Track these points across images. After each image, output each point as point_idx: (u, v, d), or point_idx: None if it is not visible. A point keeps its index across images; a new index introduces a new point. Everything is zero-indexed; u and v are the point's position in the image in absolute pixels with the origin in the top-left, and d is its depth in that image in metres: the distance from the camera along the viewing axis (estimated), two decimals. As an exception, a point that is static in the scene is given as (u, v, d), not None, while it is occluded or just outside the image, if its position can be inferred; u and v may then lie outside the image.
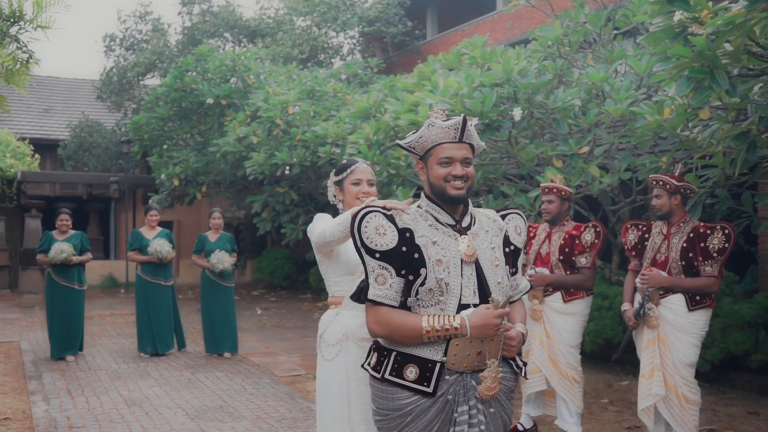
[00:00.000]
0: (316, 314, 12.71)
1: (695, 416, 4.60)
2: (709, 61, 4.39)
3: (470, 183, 2.61)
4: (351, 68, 15.44)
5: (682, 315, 4.54)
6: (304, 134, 12.05)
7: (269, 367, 8.09)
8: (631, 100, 6.44)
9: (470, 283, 2.57)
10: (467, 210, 2.68)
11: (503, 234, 2.75)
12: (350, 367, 3.22)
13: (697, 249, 4.53)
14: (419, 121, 7.06)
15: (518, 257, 2.82)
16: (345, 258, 3.32)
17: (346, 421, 3.20)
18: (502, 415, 2.66)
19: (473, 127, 2.68)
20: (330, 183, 3.54)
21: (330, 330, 3.31)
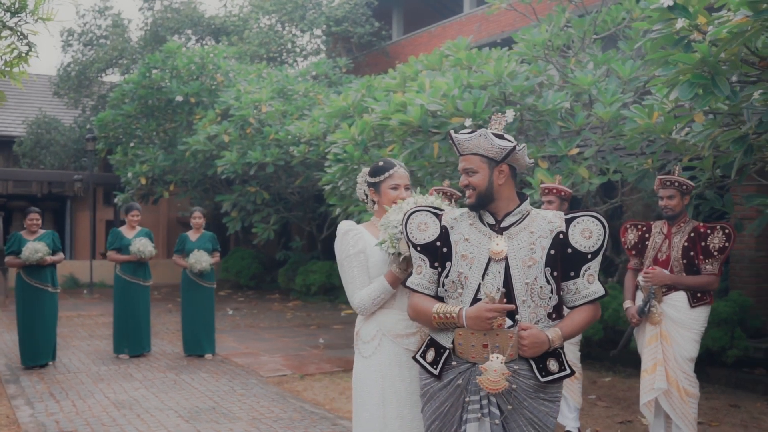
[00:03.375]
0: (289, 314, 12.67)
1: (694, 409, 4.74)
2: (710, 68, 4.52)
3: (478, 191, 2.76)
4: (320, 68, 15.41)
5: (684, 312, 4.68)
6: (277, 133, 12.01)
7: (253, 367, 8.04)
8: (620, 103, 6.58)
9: (495, 280, 2.70)
10: (514, 210, 2.76)
11: (553, 236, 2.73)
12: (385, 364, 3.23)
13: (698, 248, 4.67)
14: (410, 121, 7.10)
15: (584, 261, 2.74)
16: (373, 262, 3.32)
17: (381, 418, 3.21)
18: (527, 414, 2.68)
19: (467, 136, 2.77)
20: (361, 181, 3.53)
21: (365, 328, 3.32)
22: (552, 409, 2.73)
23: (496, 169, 2.73)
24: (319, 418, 6.00)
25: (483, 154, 2.75)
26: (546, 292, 2.70)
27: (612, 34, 8.50)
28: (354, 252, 3.29)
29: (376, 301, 3.23)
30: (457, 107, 6.90)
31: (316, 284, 14.38)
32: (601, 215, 2.76)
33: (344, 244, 3.35)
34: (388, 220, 3.13)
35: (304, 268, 14.77)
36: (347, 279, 3.33)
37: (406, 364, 3.22)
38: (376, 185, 3.40)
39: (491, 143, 2.72)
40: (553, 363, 2.71)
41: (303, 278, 14.54)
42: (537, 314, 2.70)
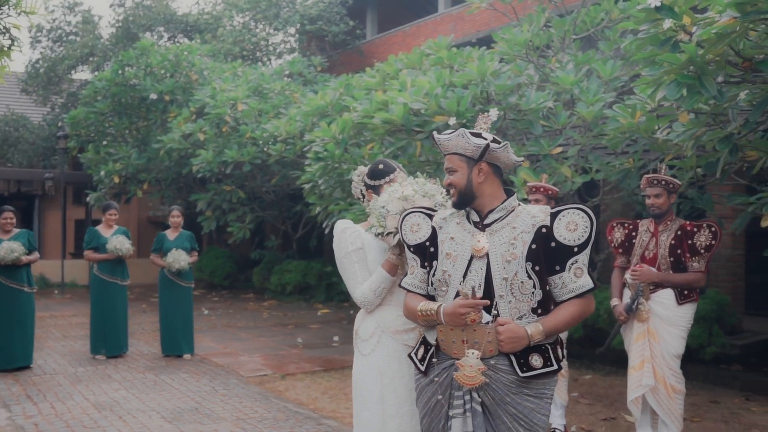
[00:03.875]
0: (265, 314, 12.59)
1: (680, 405, 4.80)
2: (697, 68, 4.57)
3: (458, 189, 2.79)
4: (295, 66, 15.34)
5: (672, 309, 4.73)
6: (254, 132, 11.93)
7: (233, 367, 7.97)
8: (602, 102, 6.64)
9: (477, 277, 2.72)
10: (497, 207, 2.77)
11: (535, 230, 2.70)
12: (384, 360, 3.23)
13: (685, 246, 4.73)
14: (393, 119, 7.09)
15: (570, 254, 2.68)
16: (371, 258, 3.31)
17: (380, 416, 3.20)
18: (511, 410, 2.66)
19: (447, 136, 2.79)
20: (358, 180, 3.52)
21: (364, 325, 3.32)
22: (539, 406, 2.70)
23: (476, 168, 2.74)
24: (304, 418, 5.96)
25: (462, 153, 2.77)
26: (528, 287, 2.67)
27: (590, 34, 8.57)
28: (353, 249, 3.30)
29: (377, 292, 3.23)
30: (440, 106, 6.91)
31: (291, 284, 14.31)
32: (587, 208, 2.72)
33: (343, 241, 3.35)
34: (375, 203, 3.17)
35: (280, 267, 14.69)
36: (348, 275, 3.34)
37: (406, 361, 3.21)
38: (375, 188, 3.40)
39: (467, 142, 2.73)
40: (537, 359, 2.67)
41: (278, 278, 14.46)
42: (520, 309, 2.67)
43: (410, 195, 3.08)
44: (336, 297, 14.44)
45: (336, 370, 7.96)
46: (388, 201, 3.10)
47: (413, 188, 3.13)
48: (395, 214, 3.06)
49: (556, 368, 2.70)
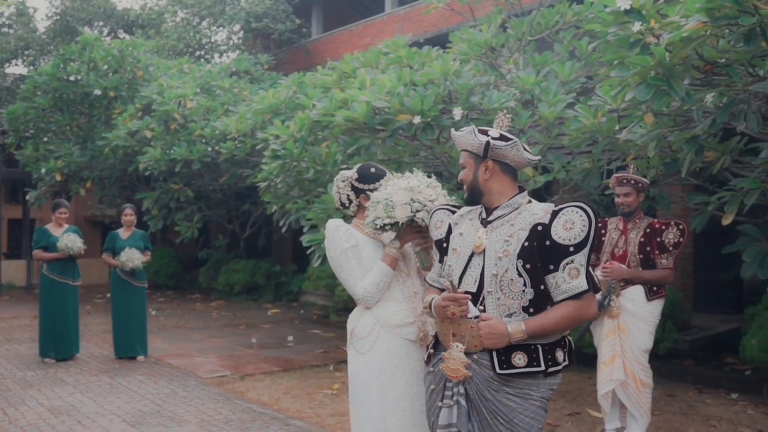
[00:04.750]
0: (215, 314, 12.40)
1: (649, 398, 4.92)
2: (666, 70, 4.69)
3: (466, 185, 2.83)
4: (241, 64, 15.15)
5: (641, 305, 4.85)
6: (203, 129, 11.74)
7: (190, 368, 7.82)
8: (564, 103, 6.75)
9: (474, 272, 2.74)
10: (502, 204, 2.77)
11: (530, 228, 2.66)
12: (383, 357, 3.21)
13: (654, 243, 4.85)
14: (355, 118, 7.06)
15: (565, 254, 2.61)
16: (366, 255, 3.30)
17: (380, 413, 3.18)
18: (490, 407, 2.66)
19: (460, 133, 2.83)
20: (343, 185, 3.45)
21: (360, 323, 3.28)
22: (523, 407, 2.64)
23: (482, 165, 2.76)
24: (270, 419, 5.89)
25: (470, 150, 2.79)
26: (518, 285, 2.64)
27: (545, 36, 8.71)
28: (349, 246, 3.28)
29: (379, 286, 3.22)
30: (403, 104, 6.90)
31: (239, 283, 14.12)
32: (588, 206, 2.64)
33: (337, 239, 3.31)
34: (376, 197, 3.16)
35: (227, 267, 14.48)
36: (346, 273, 3.28)
37: (405, 356, 3.21)
38: (369, 193, 3.38)
39: (473, 139, 2.75)
40: (520, 357, 2.63)
41: (226, 277, 14.25)
42: (509, 307, 2.65)
43: (416, 185, 3.10)
44: (285, 297, 14.33)
45: (295, 371, 7.90)
46: (393, 192, 3.10)
47: (418, 181, 3.15)
48: (404, 203, 3.06)
49: (541, 370, 2.63)
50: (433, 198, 3.11)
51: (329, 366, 8.14)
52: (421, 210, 3.07)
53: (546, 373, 2.65)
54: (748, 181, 4.95)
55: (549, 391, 2.70)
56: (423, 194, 3.08)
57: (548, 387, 2.69)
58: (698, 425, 5.73)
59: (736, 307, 9.45)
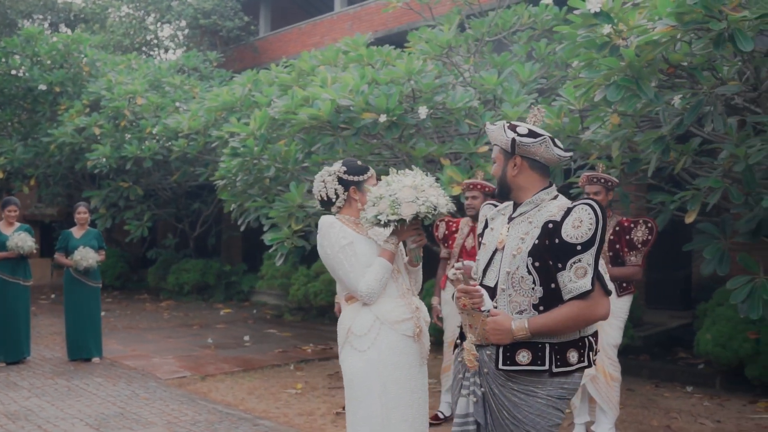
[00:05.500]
0: (166, 315, 12.19)
1: (617, 392, 5.04)
2: (635, 72, 4.81)
3: (496, 180, 2.85)
4: (190, 61, 14.92)
5: (612, 301, 4.95)
6: (154, 127, 11.53)
7: (148, 370, 7.67)
8: (527, 103, 6.85)
9: (495, 268, 2.77)
10: (526, 201, 2.77)
11: (542, 225, 2.66)
12: (384, 353, 3.22)
13: (623, 241, 4.96)
14: (320, 116, 7.03)
15: (572, 253, 2.57)
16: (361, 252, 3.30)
17: (381, 409, 3.19)
18: (498, 400, 2.68)
19: (492, 127, 2.84)
20: (330, 179, 3.44)
21: (358, 321, 3.27)
22: (526, 403, 2.64)
23: (511, 161, 2.76)
24: (238, 419, 5.83)
25: (500, 146, 2.80)
26: (528, 283, 2.65)
27: (502, 37, 8.83)
28: (346, 243, 3.28)
29: (381, 282, 3.25)
30: (368, 103, 6.91)
31: (189, 283, 13.91)
32: (596, 203, 2.60)
33: (333, 236, 3.29)
34: (379, 194, 3.17)
35: (177, 266, 14.24)
36: (346, 270, 3.27)
37: (404, 351, 3.25)
38: (359, 183, 3.41)
39: (502, 135, 2.75)
40: (525, 355, 2.64)
41: (176, 277, 14.02)
42: (520, 304, 2.66)
43: (419, 184, 3.13)
44: (235, 296, 14.18)
45: (256, 371, 7.82)
46: (398, 189, 3.12)
47: (420, 179, 3.18)
48: (411, 201, 3.09)
49: (545, 369, 2.62)
50: (435, 197, 3.14)
51: (290, 365, 8.09)
52: (426, 208, 3.10)
53: (552, 372, 2.62)
54: (711, 180, 5.11)
55: (560, 390, 2.65)
56: (427, 193, 3.12)
57: (558, 386, 2.65)
58: (660, 418, 5.89)
59: (684, 304, 9.73)
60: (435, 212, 3.13)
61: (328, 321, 11.41)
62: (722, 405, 6.34)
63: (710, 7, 4.21)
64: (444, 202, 3.15)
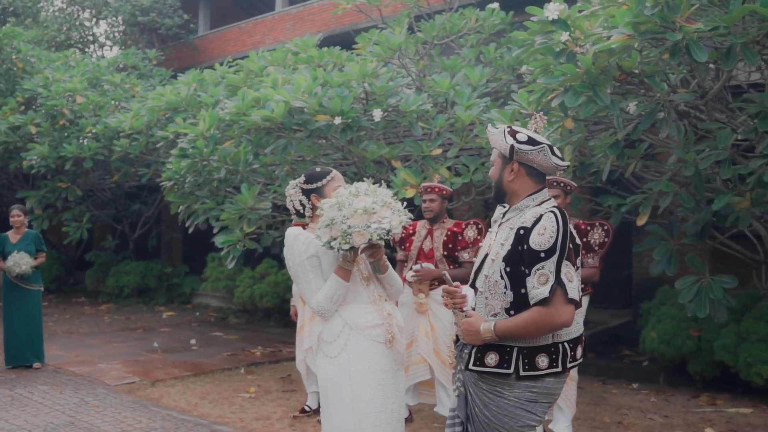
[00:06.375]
0: (107, 318, 11.90)
1: (574, 391, 5.18)
2: (592, 79, 4.95)
3: (493, 183, 2.91)
4: (129, 59, 14.59)
5: (570, 303, 5.07)
6: (95, 126, 11.25)
7: (95, 376, 7.49)
8: (479, 107, 6.95)
9: (482, 271, 2.86)
10: (513, 207, 2.84)
11: (515, 231, 2.71)
12: (354, 359, 3.23)
13: (580, 243, 5.07)
14: (273, 117, 6.99)
15: (537, 259, 2.63)
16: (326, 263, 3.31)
17: (353, 416, 3.19)
18: (471, 397, 2.78)
19: (493, 131, 2.88)
20: (294, 192, 3.47)
21: (328, 328, 3.29)
22: (495, 403, 2.72)
23: (508, 166, 2.80)
24: (194, 425, 5.75)
25: (499, 150, 2.84)
26: (500, 287, 2.73)
27: (449, 41, 8.93)
28: (307, 256, 3.28)
29: (334, 299, 3.24)
30: (322, 104, 6.90)
31: (130, 286, 13.60)
32: (558, 210, 2.67)
33: (296, 248, 3.31)
34: (331, 219, 3.07)
35: (116, 269, 13.91)
36: (303, 284, 3.32)
37: (375, 356, 3.25)
38: (318, 190, 3.42)
39: (502, 140, 2.79)
40: (492, 357, 2.72)
41: (115, 280, 13.69)
42: (494, 307, 2.74)
43: (370, 207, 3.03)
44: (177, 299, 13.94)
45: (206, 375, 7.72)
46: (349, 216, 3.03)
47: (372, 200, 3.07)
48: (361, 230, 3.02)
49: (509, 372, 2.68)
50: (389, 220, 3.06)
51: (240, 369, 8.01)
52: (378, 235, 3.04)
53: (519, 376, 2.68)
54: (663, 184, 5.29)
55: (529, 394, 2.70)
56: (379, 215, 3.04)
57: (526, 389, 2.70)
58: (611, 414, 6.07)
59: (625, 303, 10.03)
60: (387, 236, 3.06)
61: (274, 323, 11.33)
62: (668, 400, 6.56)
63: (666, 18, 4.37)
64: (397, 222, 3.08)
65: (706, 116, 5.64)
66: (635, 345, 7.78)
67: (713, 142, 5.11)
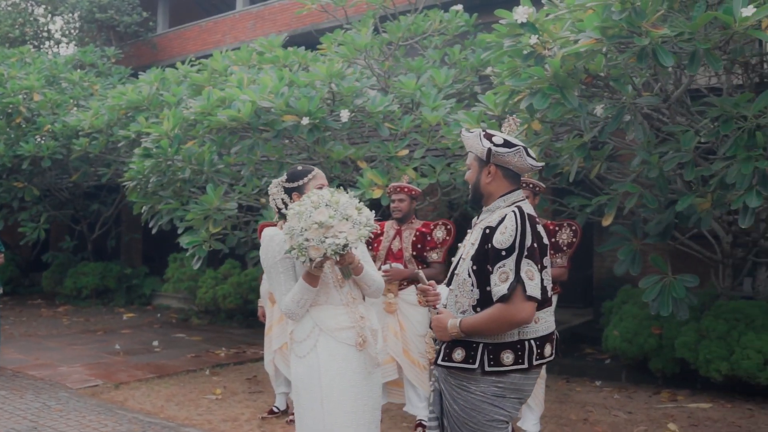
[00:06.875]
0: (65, 320, 11.69)
1: (542, 389, 5.27)
2: (560, 82, 5.03)
3: (470, 186, 2.97)
4: (87, 56, 14.34)
5: (539, 302, 5.15)
6: (53, 124, 11.05)
7: (57, 380, 7.36)
8: (446, 108, 7.00)
9: (456, 270, 2.95)
10: (486, 208, 2.92)
11: (483, 231, 2.80)
12: (323, 360, 3.24)
13: (550, 244, 5.15)
14: (240, 117, 6.95)
15: (498, 258, 2.71)
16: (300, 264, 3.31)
17: (321, 415, 3.20)
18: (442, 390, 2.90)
19: (468, 135, 2.94)
20: (278, 189, 3.48)
21: (299, 327, 3.32)
22: (462, 397, 2.79)
23: (485, 169, 2.86)
24: (161, 428, 5.69)
25: (475, 153, 2.89)
26: (468, 285, 2.82)
27: (414, 42, 8.98)
28: (280, 258, 3.29)
29: (300, 303, 3.25)
30: (289, 105, 6.88)
31: (88, 287, 13.36)
32: (518, 209, 2.75)
33: (271, 250, 3.32)
34: (291, 228, 3.06)
35: (74, 270, 13.66)
36: (275, 285, 3.34)
37: (345, 358, 3.25)
38: (300, 188, 3.42)
39: (478, 143, 2.84)
40: (459, 352, 2.81)
41: (73, 281, 13.44)
42: (463, 304, 2.84)
43: (327, 222, 2.99)
44: (137, 300, 13.76)
45: (171, 377, 7.64)
46: (307, 228, 2.99)
47: (330, 214, 3.01)
48: (316, 245, 2.99)
49: (474, 367, 2.77)
50: (345, 235, 3.01)
51: (205, 370, 7.95)
52: (333, 250, 3.01)
53: (484, 371, 2.76)
54: (628, 185, 5.40)
55: (495, 388, 2.78)
56: (336, 229, 3.00)
57: (492, 384, 2.77)
58: (577, 411, 6.17)
59: (586, 302, 10.19)
60: (344, 250, 3.03)
61: (237, 324, 11.25)
62: (630, 397, 6.69)
63: (633, 23, 4.46)
64: (355, 237, 3.03)
65: (668, 119, 5.78)
66: (597, 343, 7.92)
67: (676, 144, 5.23)
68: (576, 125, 5.76)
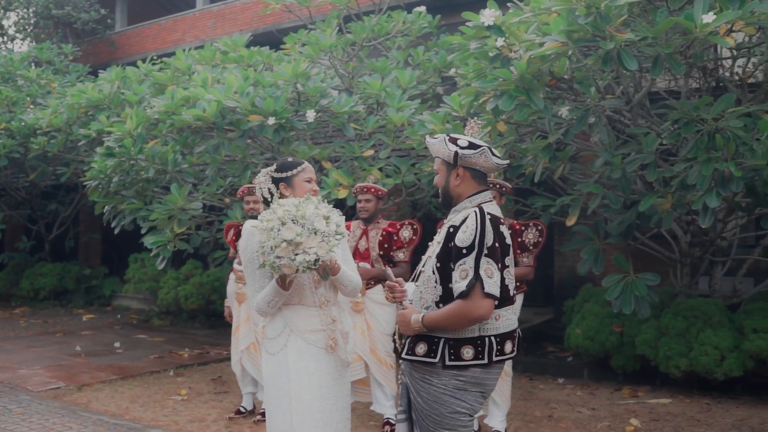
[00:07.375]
0: (23, 322, 11.47)
1: (509, 386, 5.35)
2: (526, 84, 5.11)
3: (440, 190, 3.05)
4: (44, 53, 14.08)
5: (504, 300, 5.23)
6: (9, 123, 10.85)
7: (17, 382, 7.23)
8: (411, 109, 7.05)
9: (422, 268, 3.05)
10: (454, 209, 3.00)
11: (447, 230, 2.89)
12: (292, 359, 3.26)
13: (515, 243, 5.24)
14: (204, 117, 6.92)
15: (460, 255, 2.80)
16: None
17: (289, 414, 3.22)
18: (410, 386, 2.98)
19: (433, 141, 3.02)
20: (265, 178, 3.46)
21: (271, 324, 3.34)
22: (425, 389, 2.87)
23: (453, 172, 2.94)
24: (128, 430, 5.64)
25: (442, 158, 2.95)
26: (432, 282, 2.92)
27: (377, 43, 9.02)
28: (257, 255, 3.27)
29: (271, 304, 3.26)
30: (254, 105, 6.87)
31: (46, 288, 13.12)
32: (479, 209, 2.84)
33: (250, 244, 3.32)
34: (263, 245, 3.04)
35: (31, 271, 13.41)
36: (249, 280, 3.36)
37: (314, 358, 3.27)
38: (288, 179, 3.40)
39: (444, 147, 2.92)
40: (421, 347, 2.91)
41: (30, 282, 13.19)
42: (427, 300, 2.93)
43: (295, 239, 2.97)
44: (96, 301, 13.56)
45: (134, 378, 7.56)
46: (277, 245, 2.98)
47: (297, 231, 2.98)
48: (287, 263, 2.98)
49: (435, 361, 2.86)
50: (315, 250, 3.00)
51: (169, 371, 7.88)
52: (304, 267, 3.01)
53: (445, 365, 2.85)
54: (592, 186, 5.51)
55: (456, 381, 2.86)
56: (305, 245, 2.99)
57: (453, 377, 2.86)
58: (542, 408, 6.27)
59: (546, 301, 10.34)
60: (315, 265, 3.03)
61: (200, 325, 11.17)
62: (593, 394, 6.82)
63: (598, 28, 4.56)
64: (325, 251, 3.02)
65: (630, 121, 5.91)
66: (559, 342, 8.05)
67: (638, 146, 5.36)
68: (541, 127, 5.86)
